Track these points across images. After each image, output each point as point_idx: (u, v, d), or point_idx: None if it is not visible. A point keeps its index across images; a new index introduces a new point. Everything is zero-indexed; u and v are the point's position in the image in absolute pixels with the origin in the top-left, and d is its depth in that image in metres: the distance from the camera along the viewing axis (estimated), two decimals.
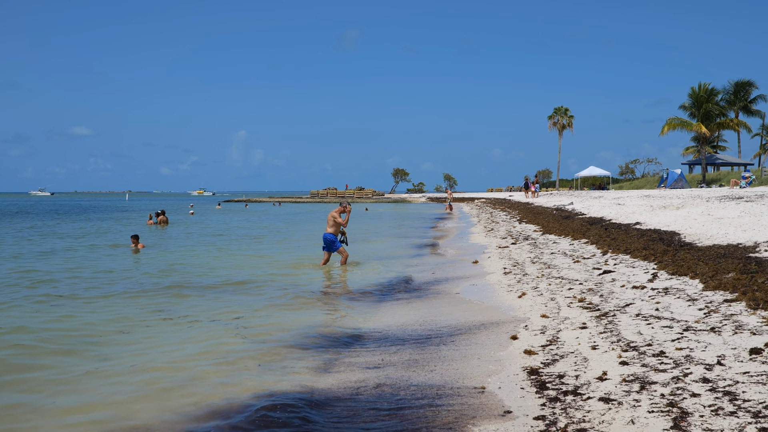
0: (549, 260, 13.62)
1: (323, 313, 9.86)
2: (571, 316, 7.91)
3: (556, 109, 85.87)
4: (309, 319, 9.29)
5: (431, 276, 13.83)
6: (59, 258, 18.43)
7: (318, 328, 8.74)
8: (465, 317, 8.89)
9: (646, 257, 11.79)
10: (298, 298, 11.28)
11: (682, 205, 21.68)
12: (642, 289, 8.99)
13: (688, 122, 58.13)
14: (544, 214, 29.29)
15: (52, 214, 51.44)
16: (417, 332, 8.29)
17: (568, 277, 11.00)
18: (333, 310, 10.14)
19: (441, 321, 8.85)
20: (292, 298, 11.25)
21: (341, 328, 8.60)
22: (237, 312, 9.88)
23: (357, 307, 10.39)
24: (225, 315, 9.66)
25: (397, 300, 11.15)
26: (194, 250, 20.77)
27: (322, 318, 9.49)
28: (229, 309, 10.17)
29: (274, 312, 9.96)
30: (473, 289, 11.33)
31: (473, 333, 7.90)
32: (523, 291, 10.20)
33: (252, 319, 9.36)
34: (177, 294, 11.75)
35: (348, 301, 10.94)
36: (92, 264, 16.73)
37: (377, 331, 8.50)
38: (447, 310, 9.61)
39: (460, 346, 7.28)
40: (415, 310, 9.95)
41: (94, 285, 13.05)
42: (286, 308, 10.27)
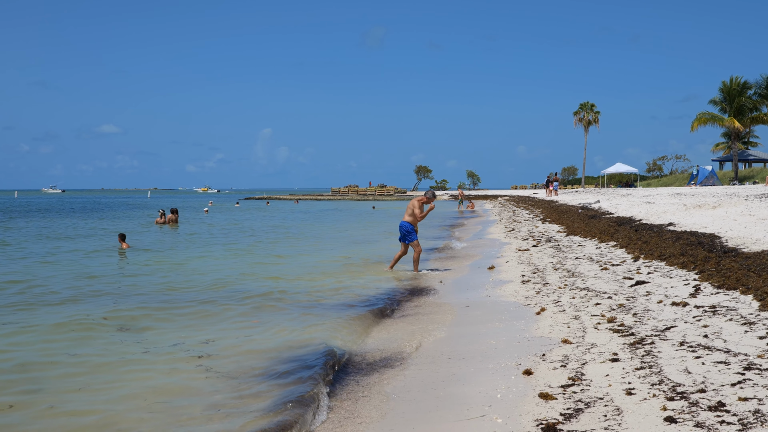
0: (573, 267, 12.18)
1: (307, 333, 8.47)
2: (599, 341, 6.50)
3: (581, 104, 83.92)
4: (290, 342, 7.95)
5: (440, 284, 12.45)
6: (35, 258, 17.47)
7: (297, 352, 7.43)
8: (469, 339, 7.50)
9: (685, 265, 10.32)
10: (284, 311, 9.96)
11: (719, 204, 20.06)
12: (684, 307, 7.55)
13: (719, 117, 56.04)
14: (568, 213, 27.74)
15: (54, 212, 50.47)
16: (409, 360, 6.93)
17: (595, 289, 9.57)
18: (321, 328, 8.76)
19: (441, 346, 7.48)
20: (276, 311, 9.95)
21: (323, 356, 7.21)
22: (209, 333, 8.55)
23: (350, 325, 9.00)
24: (192, 337, 8.31)
25: (401, 316, 9.79)
26: (186, 252, 19.42)
27: (305, 340, 8.12)
28: (200, 328, 8.85)
29: (253, 332, 8.62)
30: (485, 302, 9.93)
31: (477, 362, 6.52)
32: (542, 306, 8.80)
33: (223, 342, 8.05)
34: (141, 308, 10.32)
35: (340, 317, 9.53)
36: (64, 269, 15.57)
37: (365, 361, 7.13)
38: (446, 333, 8.20)
39: (458, 383, 5.90)
40: (413, 330, 8.58)
41: (55, 290, 12.09)
42: (267, 327, 8.92)
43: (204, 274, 14.40)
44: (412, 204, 14.72)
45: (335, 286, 12.58)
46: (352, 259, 17.38)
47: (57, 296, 11.57)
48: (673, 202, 24.54)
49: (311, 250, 20.15)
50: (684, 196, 28.09)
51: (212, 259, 17.53)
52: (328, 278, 13.61)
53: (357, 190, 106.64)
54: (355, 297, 11.30)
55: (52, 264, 16.52)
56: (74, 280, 13.61)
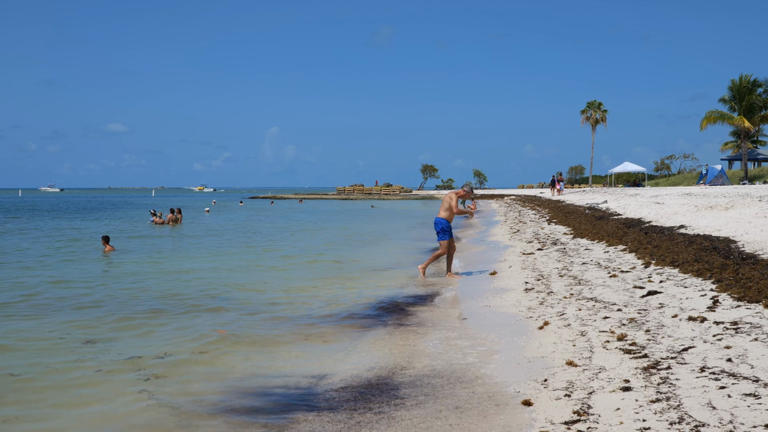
0: (579, 273, 11.46)
1: (279, 352, 7.70)
2: (608, 364, 5.79)
3: (589, 103, 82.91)
4: (258, 364, 7.17)
5: (437, 292, 11.73)
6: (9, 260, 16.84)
7: (263, 376, 6.70)
8: (463, 360, 6.78)
9: (700, 273, 9.58)
10: (259, 326, 9.12)
11: (732, 204, 19.29)
12: (701, 323, 6.83)
13: (729, 116, 55.11)
14: (575, 214, 26.97)
15: (46, 212, 49.77)
16: (391, 385, 6.21)
17: (603, 299, 8.85)
18: (296, 345, 8.02)
19: (430, 366, 6.76)
20: (247, 326, 9.10)
21: (292, 384, 6.45)
22: (167, 349, 7.75)
23: (333, 339, 8.28)
24: (150, 353, 7.55)
25: (389, 332, 9.07)
26: (170, 256, 18.52)
27: (276, 360, 7.37)
28: (160, 343, 8.06)
29: (216, 348, 7.78)
30: (484, 313, 9.22)
31: (471, 386, 5.81)
32: (545, 319, 8.08)
33: (180, 359, 7.30)
34: (101, 319, 9.59)
35: (322, 333, 8.77)
36: (38, 272, 14.93)
37: (342, 387, 6.39)
38: (442, 349, 7.47)
39: (441, 419, 5.18)
40: (401, 350, 7.85)
41: (24, 297, 11.45)
42: (233, 343, 8.07)
43: (184, 282, 13.49)
44: (448, 198, 13.42)
45: (320, 296, 11.66)
46: (345, 264, 16.57)
47: (14, 306, 10.85)
48: (684, 202, 23.76)
49: (304, 253, 19.38)
50: (694, 197, 27.30)
51: (196, 264, 16.60)
52: (315, 287, 12.72)
53: (362, 190, 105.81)
54: (341, 308, 10.40)
55: (27, 268, 15.86)
56: (40, 285, 12.96)
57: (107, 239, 19.41)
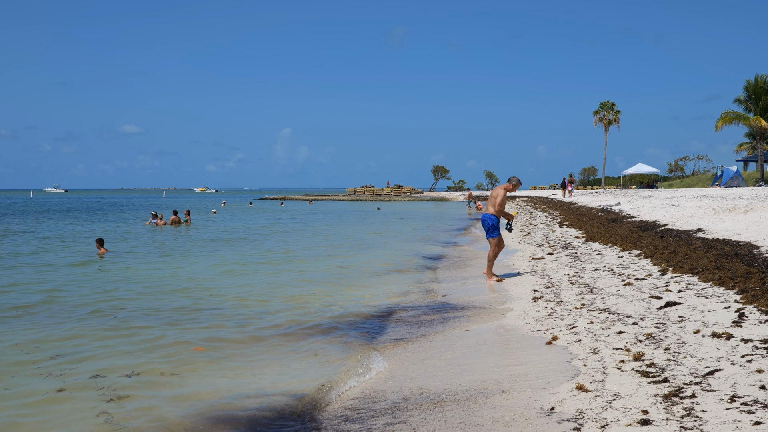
0: (591, 281, 10.76)
1: (261, 369, 7.06)
2: (624, 390, 5.10)
3: (602, 104, 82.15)
4: (234, 383, 6.52)
5: (440, 300, 11.07)
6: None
7: (240, 396, 6.07)
8: (462, 382, 6.11)
9: (722, 282, 8.86)
10: (239, 341, 8.38)
11: (751, 207, 18.51)
12: (727, 341, 6.13)
13: (744, 116, 54.07)
14: (587, 216, 26.22)
15: (47, 213, 49.33)
16: (373, 412, 5.56)
17: (617, 311, 8.15)
18: (281, 361, 7.38)
19: (425, 391, 6.10)
20: (230, 340, 8.42)
21: (270, 405, 5.82)
22: (138, 366, 7.09)
23: (322, 353, 7.63)
24: (118, 370, 6.91)
25: (384, 345, 8.43)
26: (164, 260, 17.79)
27: (256, 377, 6.73)
28: (132, 359, 7.38)
29: (190, 367, 7.11)
30: (488, 325, 8.54)
31: (471, 414, 5.15)
32: (554, 333, 7.40)
33: (149, 379, 6.65)
34: (77, 328, 9.00)
35: (310, 344, 8.13)
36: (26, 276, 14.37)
37: (324, 408, 5.72)
38: (444, 368, 6.79)
39: None
40: (397, 369, 7.19)
41: None
42: (210, 360, 7.43)
43: (171, 289, 12.69)
44: (496, 193, 12.54)
45: (313, 305, 10.87)
46: (342, 270, 15.86)
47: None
48: (700, 205, 22.96)
49: (301, 257, 18.70)
50: (711, 199, 26.49)
51: (188, 269, 15.84)
52: (310, 295, 11.95)
53: (373, 191, 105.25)
54: (332, 320, 9.60)
55: (14, 268, 15.30)
56: (16, 290, 12.43)
57: (101, 242, 18.84)
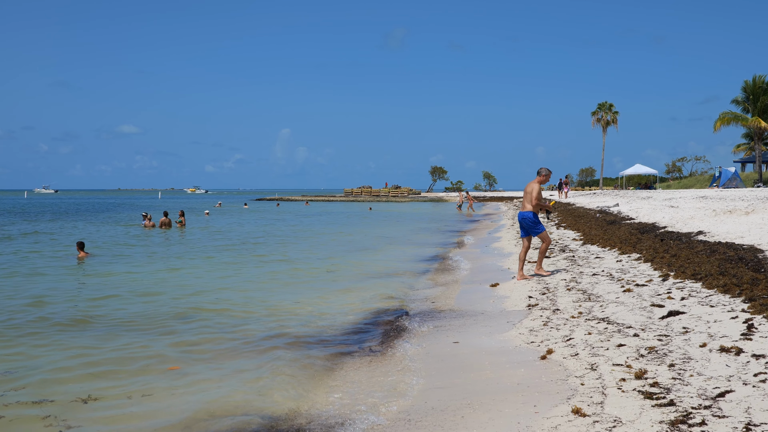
0: (589, 286, 10.28)
1: (239, 387, 6.55)
2: (625, 415, 4.62)
3: (600, 104, 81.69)
4: (208, 408, 5.94)
5: (431, 307, 10.57)
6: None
7: (213, 417, 5.57)
8: (449, 408, 5.62)
9: (727, 289, 8.38)
10: (219, 354, 7.87)
11: (752, 209, 18.04)
12: (737, 356, 5.65)
13: (743, 117, 53.66)
14: (585, 218, 25.76)
15: (32, 214, 48.44)
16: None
17: (617, 320, 7.67)
18: (261, 378, 6.87)
19: (404, 413, 5.61)
20: (209, 355, 7.87)
21: None
22: (95, 389, 6.48)
23: (305, 368, 7.14)
24: (72, 394, 6.30)
25: (361, 363, 7.93)
26: (144, 264, 17.16)
27: (233, 397, 6.22)
28: (90, 381, 6.77)
29: (160, 388, 6.56)
30: (480, 337, 8.05)
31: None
32: (549, 346, 6.91)
33: (107, 404, 6.08)
34: (37, 340, 8.48)
35: (293, 357, 7.63)
36: None
37: None
38: (423, 384, 6.30)
39: None
40: (374, 388, 6.70)
41: None
42: (190, 378, 6.89)
43: (151, 297, 12.04)
44: (531, 188, 12.04)
45: (299, 314, 10.31)
46: (333, 273, 15.34)
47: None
48: (700, 206, 22.50)
49: (289, 261, 18.20)
50: (710, 200, 26.03)
51: (171, 274, 15.19)
52: (296, 302, 11.38)
53: (370, 192, 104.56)
54: (319, 330, 9.10)
55: None
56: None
57: (82, 245, 18.30)
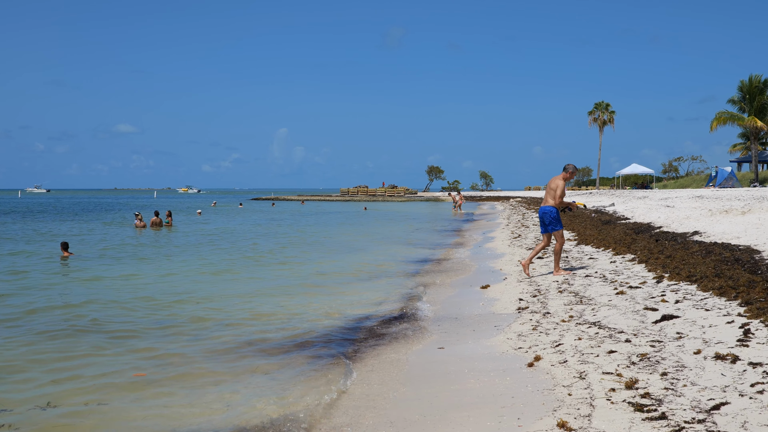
0: (582, 288, 10.00)
1: (207, 397, 6.21)
2: (614, 429, 4.33)
3: (596, 104, 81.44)
4: (173, 422, 5.60)
5: (418, 310, 10.25)
6: None
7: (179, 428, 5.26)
8: (426, 410, 5.33)
9: (723, 291, 8.11)
10: (191, 361, 7.48)
11: (749, 209, 17.79)
12: (733, 364, 5.36)
13: (739, 116, 53.42)
14: (580, 218, 25.48)
15: (20, 214, 47.89)
16: None
17: (608, 325, 7.39)
18: (235, 387, 6.55)
19: (375, 427, 5.31)
20: (180, 360, 7.51)
21: None
22: (56, 395, 6.14)
23: (273, 377, 6.82)
24: (29, 402, 5.96)
25: (354, 364, 7.64)
26: (131, 263, 16.84)
27: (201, 407, 5.90)
28: (51, 388, 6.40)
29: (121, 396, 6.21)
30: (466, 342, 7.75)
31: None
32: (537, 353, 6.62)
33: (66, 411, 5.76)
34: None
35: (265, 365, 7.30)
36: None
37: None
38: (400, 394, 6.00)
39: None
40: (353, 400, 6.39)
41: None
42: (148, 389, 6.50)
43: (128, 299, 11.48)
44: (555, 184, 11.66)
45: (280, 318, 9.85)
46: (323, 276, 14.90)
47: None
48: (696, 206, 22.25)
49: (277, 261, 17.84)
50: (706, 200, 25.78)
51: (153, 275, 14.75)
52: (278, 305, 10.98)
53: (366, 191, 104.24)
54: (300, 335, 8.67)
55: None
56: None
57: (66, 246, 17.96)
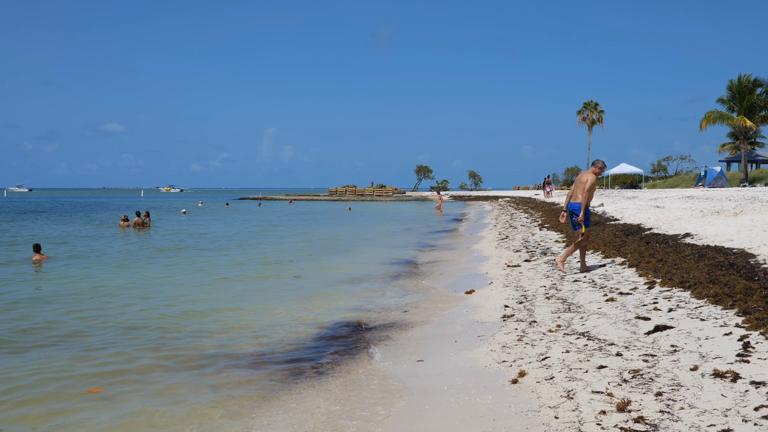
0: (570, 294, 9.56)
1: (163, 419, 5.75)
2: None
3: (585, 103, 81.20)
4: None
5: (398, 318, 9.78)
6: None
7: None
8: None
9: (719, 299, 7.67)
10: (153, 373, 7.07)
11: (741, 210, 17.41)
12: (734, 383, 4.93)
13: (729, 116, 53.18)
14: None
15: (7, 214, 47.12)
16: None
17: (598, 335, 6.94)
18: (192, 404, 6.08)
19: None
20: (141, 371, 7.07)
21: None
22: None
23: (229, 398, 6.33)
24: None
25: (322, 376, 7.16)
26: (105, 265, 16.36)
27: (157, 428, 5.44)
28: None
29: (69, 410, 5.78)
30: (447, 354, 7.28)
31: None
32: (522, 367, 6.17)
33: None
34: None
35: (226, 380, 6.82)
36: None
37: None
38: (367, 415, 5.52)
39: None
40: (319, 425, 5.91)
41: None
42: (92, 397, 6.06)
43: (95, 305, 11.04)
44: (585, 179, 11.27)
45: (252, 326, 9.36)
46: (301, 279, 14.45)
47: None
48: (686, 206, 21.88)
49: (256, 264, 17.28)
50: (697, 200, 25.43)
51: (127, 278, 14.26)
52: (252, 311, 10.51)
53: (355, 191, 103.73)
54: (268, 347, 8.17)
55: None
56: None
57: (38, 248, 17.44)
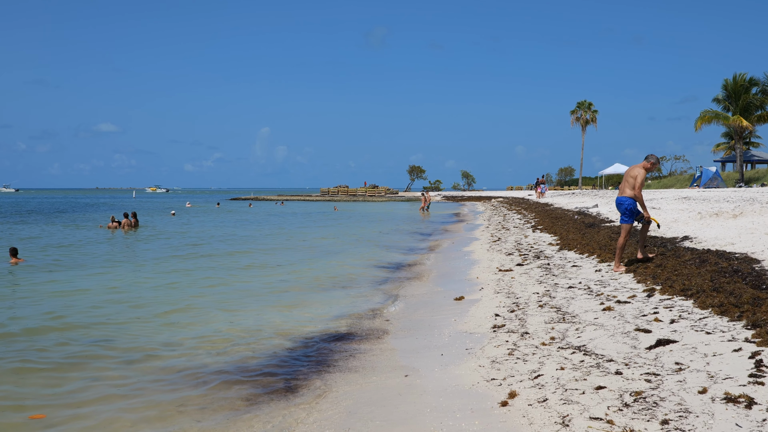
0: (564, 302, 9.01)
1: None
2: None
3: (579, 103, 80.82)
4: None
5: (384, 326, 9.23)
6: None
7: None
8: None
9: (725, 310, 7.13)
10: (111, 395, 6.51)
11: (740, 211, 16.91)
12: (748, 410, 4.38)
13: (724, 115, 52.71)
14: (563, 220, 24.54)
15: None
16: None
17: (595, 350, 6.39)
18: None
19: None
20: (101, 390, 6.53)
21: None
22: None
23: (208, 416, 5.78)
24: None
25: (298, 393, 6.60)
26: (83, 269, 15.81)
27: None
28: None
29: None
30: (432, 370, 6.73)
31: None
32: (512, 388, 5.61)
33: None
34: None
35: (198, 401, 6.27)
36: None
37: None
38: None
39: None
40: None
41: None
42: (34, 424, 5.54)
43: (65, 313, 10.45)
44: (635, 173, 10.76)
45: (229, 338, 8.77)
46: (284, 283, 13.90)
47: None
48: (683, 208, 21.39)
49: (244, 266, 16.79)
50: (693, 201, 24.95)
51: (103, 283, 13.71)
52: (221, 323, 9.80)
53: (347, 191, 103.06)
54: (233, 365, 7.50)
55: None
56: None
57: (15, 251, 16.87)
